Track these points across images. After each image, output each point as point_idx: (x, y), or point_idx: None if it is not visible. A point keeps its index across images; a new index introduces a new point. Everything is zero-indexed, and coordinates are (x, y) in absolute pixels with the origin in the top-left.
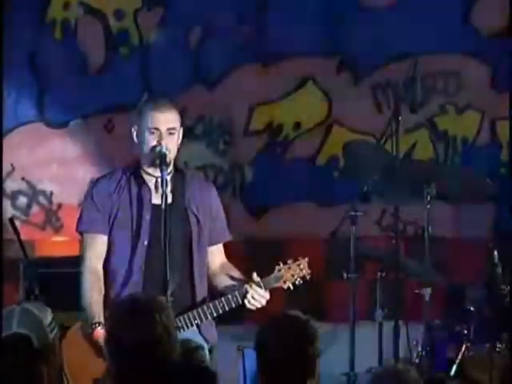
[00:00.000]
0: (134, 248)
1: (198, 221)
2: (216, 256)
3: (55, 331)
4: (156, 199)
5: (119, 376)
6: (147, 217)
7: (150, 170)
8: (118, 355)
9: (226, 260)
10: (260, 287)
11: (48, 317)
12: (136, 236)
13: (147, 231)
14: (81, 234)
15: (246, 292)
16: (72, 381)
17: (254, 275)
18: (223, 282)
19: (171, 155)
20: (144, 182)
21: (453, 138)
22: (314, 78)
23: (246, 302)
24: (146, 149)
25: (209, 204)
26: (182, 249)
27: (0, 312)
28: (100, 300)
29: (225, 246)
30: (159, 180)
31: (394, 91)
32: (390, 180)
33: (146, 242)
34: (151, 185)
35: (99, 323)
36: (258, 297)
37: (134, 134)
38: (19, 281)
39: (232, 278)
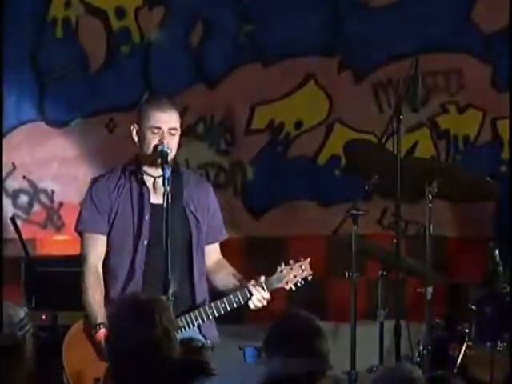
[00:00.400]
0: (134, 247)
1: (197, 220)
2: (212, 254)
3: (26, 329)
4: (154, 199)
5: (119, 376)
6: (146, 216)
7: (149, 170)
8: (118, 356)
9: (221, 257)
10: (262, 288)
11: (19, 315)
12: (136, 236)
13: (147, 231)
14: (80, 233)
15: (250, 293)
16: (72, 380)
17: (262, 278)
18: (222, 280)
19: (171, 155)
20: (143, 181)
21: (454, 136)
22: (315, 77)
23: (249, 302)
24: (148, 148)
25: (206, 203)
26: (182, 248)
27: (0, 310)
28: (101, 300)
29: (225, 244)
30: (157, 180)
31: (395, 90)
32: (391, 179)
33: (145, 242)
34: (149, 184)
35: (103, 324)
36: (260, 297)
37: (134, 132)
38: (20, 279)
39: (230, 276)
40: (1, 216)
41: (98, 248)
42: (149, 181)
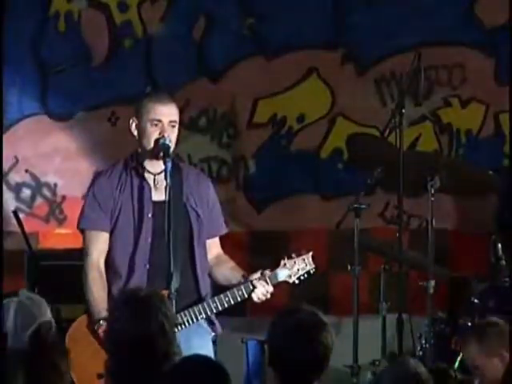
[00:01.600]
0: (136, 245)
1: (198, 215)
2: (212, 248)
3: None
4: (155, 196)
5: (119, 372)
6: (149, 214)
7: (150, 166)
8: (115, 349)
9: (221, 251)
10: (266, 282)
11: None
12: (139, 233)
13: (150, 228)
14: (82, 230)
15: (254, 286)
16: (76, 375)
17: (266, 271)
18: (223, 274)
19: (171, 148)
20: (144, 178)
21: (457, 130)
22: (318, 71)
23: (253, 295)
24: (148, 141)
25: (206, 197)
26: (184, 244)
27: (0, 304)
28: (104, 296)
29: (227, 238)
30: (157, 177)
31: (398, 84)
32: (393, 172)
33: (149, 239)
34: (150, 181)
35: (104, 319)
36: (264, 291)
37: (133, 126)
38: (23, 273)
39: (231, 270)
40: (2, 209)
41: (100, 245)
42: (150, 178)
